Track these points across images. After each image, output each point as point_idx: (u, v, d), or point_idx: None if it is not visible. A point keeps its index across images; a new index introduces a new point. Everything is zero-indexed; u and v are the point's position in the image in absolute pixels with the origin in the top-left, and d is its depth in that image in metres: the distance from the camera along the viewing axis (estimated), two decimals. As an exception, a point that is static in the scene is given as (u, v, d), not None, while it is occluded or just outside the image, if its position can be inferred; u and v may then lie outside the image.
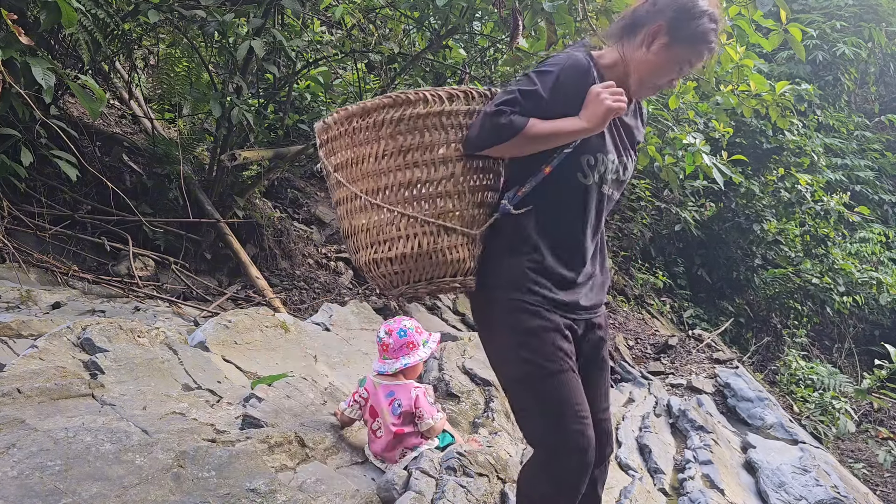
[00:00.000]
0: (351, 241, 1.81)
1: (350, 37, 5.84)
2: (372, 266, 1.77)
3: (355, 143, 1.73)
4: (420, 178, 1.70)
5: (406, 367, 2.54)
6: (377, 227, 1.73)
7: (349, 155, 1.74)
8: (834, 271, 8.98)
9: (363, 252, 1.77)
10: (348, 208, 1.78)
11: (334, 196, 1.82)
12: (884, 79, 13.77)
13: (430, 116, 1.70)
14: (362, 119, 1.72)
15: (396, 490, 2.27)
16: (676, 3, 1.75)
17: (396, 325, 2.60)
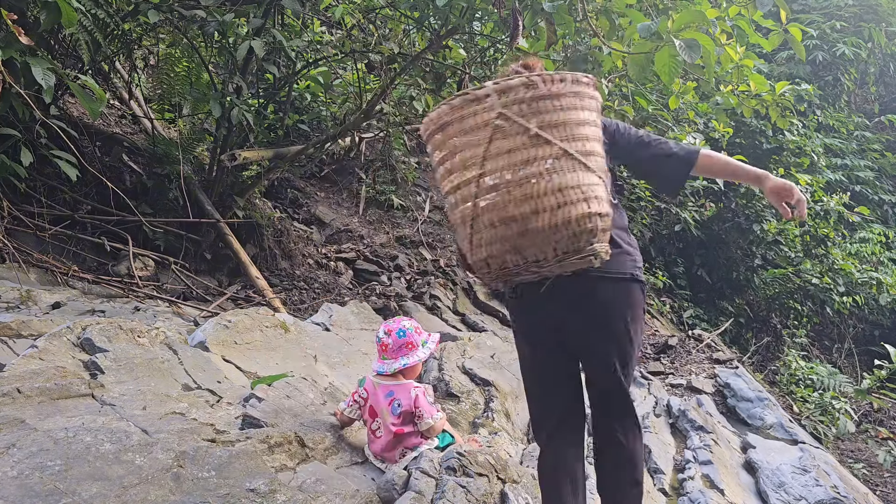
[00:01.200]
0: (551, 198, 1.75)
1: (350, 37, 5.84)
2: (585, 220, 1.76)
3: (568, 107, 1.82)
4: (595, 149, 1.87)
5: (405, 367, 2.54)
6: (588, 184, 1.78)
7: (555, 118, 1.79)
8: (834, 271, 8.98)
9: (573, 206, 1.75)
10: (551, 166, 1.76)
11: (529, 153, 1.76)
12: (883, 79, 13.77)
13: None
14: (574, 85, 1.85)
15: (396, 490, 2.27)
16: None
17: (395, 325, 2.61)
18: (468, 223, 1.82)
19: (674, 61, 3.32)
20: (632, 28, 3.68)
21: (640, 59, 3.51)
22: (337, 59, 6.10)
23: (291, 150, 6.01)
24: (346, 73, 7.63)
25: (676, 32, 3.28)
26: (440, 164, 1.88)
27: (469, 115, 1.79)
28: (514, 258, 1.78)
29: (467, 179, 1.80)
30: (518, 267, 1.80)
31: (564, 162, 1.77)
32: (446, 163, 1.85)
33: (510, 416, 3.91)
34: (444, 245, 7.35)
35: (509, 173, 1.76)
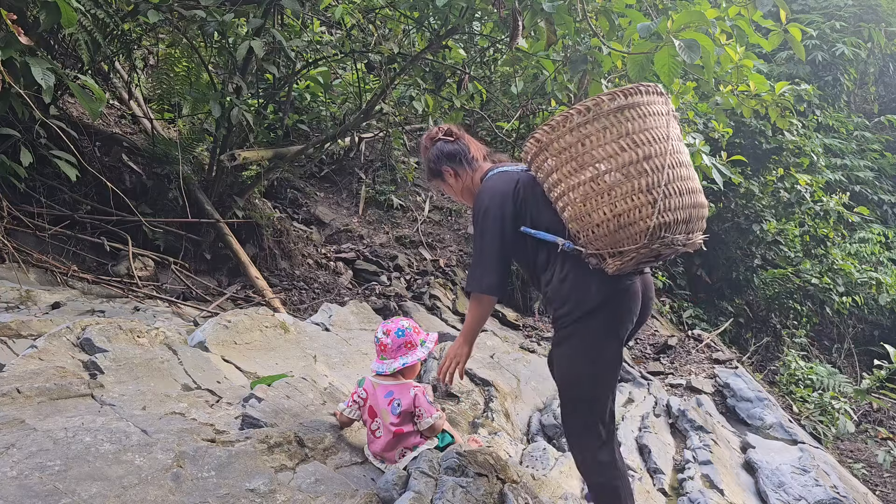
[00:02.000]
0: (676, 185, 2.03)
1: (350, 37, 5.84)
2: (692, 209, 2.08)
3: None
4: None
5: (405, 366, 2.54)
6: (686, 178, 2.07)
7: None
8: (833, 271, 8.99)
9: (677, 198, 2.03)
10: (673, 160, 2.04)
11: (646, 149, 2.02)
12: (883, 79, 13.78)
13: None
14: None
15: (396, 490, 2.27)
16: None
17: (394, 325, 2.60)
18: (656, 190, 1.98)
19: (673, 61, 3.32)
20: (631, 28, 3.68)
21: (639, 59, 3.52)
22: (337, 59, 6.10)
23: (291, 150, 6.01)
24: (346, 73, 7.63)
25: (676, 32, 3.28)
26: (620, 138, 2.03)
27: (655, 102, 2.08)
28: (683, 228, 2.04)
29: (660, 150, 2.01)
30: (677, 241, 2.04)
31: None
32: (630, 136, 2.03)
33: (510, 416, 3.91)
34: (444, 245, 7.36)
35: (686, 155, 2.10)
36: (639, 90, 2.06)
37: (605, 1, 4.02)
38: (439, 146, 2.51)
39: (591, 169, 2.04)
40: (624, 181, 2.01)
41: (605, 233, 2.03)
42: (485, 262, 2.27)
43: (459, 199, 2.55)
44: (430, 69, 6.48)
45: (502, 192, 2.28)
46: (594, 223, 2.04)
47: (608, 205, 2.02)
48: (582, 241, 2.10)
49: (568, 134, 2.07)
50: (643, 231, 1.99)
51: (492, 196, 2.29)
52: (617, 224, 2.01)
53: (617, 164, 2.02)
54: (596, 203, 2.03)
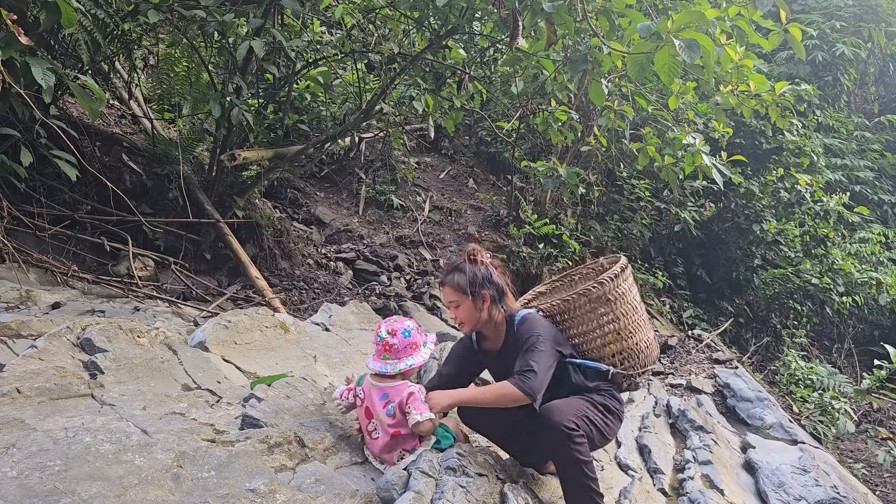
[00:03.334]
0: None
1: (350, 37, 5.84)
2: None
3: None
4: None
5: (411, 367, 2.49)
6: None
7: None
8: (833, 271, 8.98)
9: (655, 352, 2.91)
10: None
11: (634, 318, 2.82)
12: (883, 79, 13.78)
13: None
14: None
15: (396, 490, 2.27)
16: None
17: (399, 325, 2.54)
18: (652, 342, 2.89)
19: (673, 61, 3.32)
20: (631, 28, 3.68)
21: (639, 59, 3.51)
22: (337, 60, 6.10)
23: (291, 150, 6.01)
24: (346, 73, 7.63)
25: (676, 32, 3.28)
26: (630, 296, 2.82)
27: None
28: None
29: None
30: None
31: None
32: (636, 297, 2.89)
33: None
34: (444, 245, 7.36)
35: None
36: (624, 263, 2.86)
37: (605, 1, 4.02)
38: (494, 273, 2.65)
39: (636, 310, 2.81)
40: (646, 319, 2.90)
41: (644, 356, 2.80)
42: (543, 376, 2.50)
43: (470, 323, 2.65)
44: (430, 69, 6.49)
45: (551, 328, 2.68)
46: (640, 349, 2.78)
47: (643, 335, 2.82)
48: (626, 366, 2.76)
49: (623, 282, 2.80)
50: (658, 354, 2.98)
51: (544, 327, 2.63)
52: (650, 349, 2.84)
53: (641, 309, 2.88)
54: (640, 335, 2.80)
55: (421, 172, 8.58)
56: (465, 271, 2.59)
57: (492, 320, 2.64)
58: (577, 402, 2.56)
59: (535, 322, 2.62)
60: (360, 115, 5.93)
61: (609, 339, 2.74)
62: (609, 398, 2.68)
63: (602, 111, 6.43)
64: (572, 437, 2.37)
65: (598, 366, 2.71)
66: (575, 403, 2.55)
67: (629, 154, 6.96)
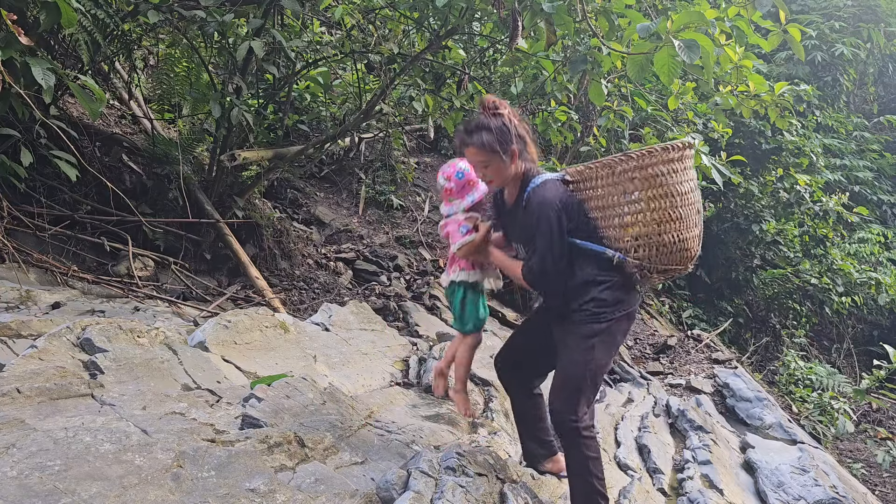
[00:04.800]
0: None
1: (350, 37, 5.84)
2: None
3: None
4: None
5: (473, 202, 2.73)
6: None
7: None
8: (833, 272, 8.99)
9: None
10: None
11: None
12: (882, 79, 13.78)
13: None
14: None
15: (396, 490, 2.27)
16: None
17: (452, 169, 2.74)
18: (699, 227, 2.48)
19: (673, 62, 3.32)
20: (631, 28, 3.69)
21: (639, 59, 3.52)
22: (336, 60, 6.10)
23: (291, 151, 6.01)
24: (346, 73, 7.63)
25: (675, 33, 3.28)
26: (691, 180, 2.46)
27: (692, 156, 2.47)
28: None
29: (699, 199, 2.48)
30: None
31: None
32: (694, 181, 2.48)
33: (509, 415, 3.92)
34: (444, 245, 7.36)
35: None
36: (688, 145, 2.44)
37: (605, 1, 4.03)
38: (515, 124, 2.48)
39: (672, 199, 2.38)
40: (691, 216, 2.44)
41: (667, 252, 2.40)
42: (549, 262, 2.44)
43: (501, 180, 2.54)
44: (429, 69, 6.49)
45: (562, 201, 2.45)
46: (662, 243, 2.39)
47: (678, 231, 2.40)
48: (639, 255, 2.41)
49: (662, 164, 2.39)
50: (691, 257, 2.46)
51: (553, 200, 2.43)
52: (679, 247, 2.41)
53: (687, 202, 2.42)
54: (669, 227, 2.40)
55: (421, 173, 8.58)
56: (490, 128, 2.43)
57: (518, 174, 2.53)
58: (577, 357, 2.43)
59: (545, 193, 2.43)
60: (359, 115, 5.93)
61: (628, 221, 2.40)
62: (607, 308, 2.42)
63: (601, 111, 6.44)
64: (580, 432, 2.40)
65: (603, 250, 2.42)
66: (575, 359, 2.43)
67: (629, 154, 6.95)
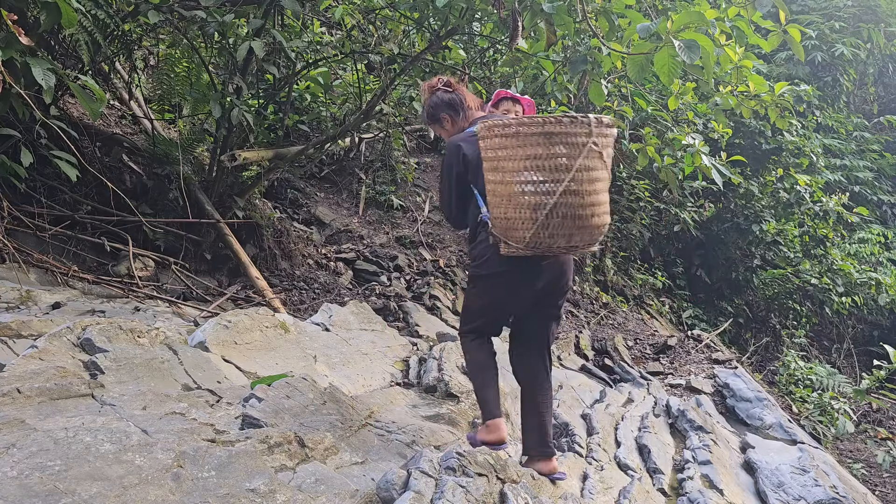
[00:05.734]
0: (602, 207, 2.52)
1: (350, 38, 5.84)
2: (606, 226, 2.56)
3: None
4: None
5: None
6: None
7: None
8: (833, 272, 8.99)
9: (606, 216, 2.55)
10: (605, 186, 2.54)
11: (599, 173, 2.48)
12: (882, 80, 13.79)
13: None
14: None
15: (396, 490, 2.27)
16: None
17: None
18: (542, 211, 2.41)
19: (673, 62, 3.33)
20: (631, 29, 3.69)
21: (639, 59, 3.52)
22: (337, 60, 6.11)
23: (291, 151, 6.01)
24: (346, 73, 7.63)
25: (675, 33, 3.29)
26: (526, 159, 2.42)
27: (576, 133, 2.40)
28: (562, 242, 2.47)
29: (555, 180, 2.40)
30: (557, 248, 2.50)
31: (607, 184, 2.54)
32: (536, 160, 2.41)
33: (509, 415, 3.91)
34: (444, 245, 7.36)
35: (587, 185, 2.43)
36: (561, 121, 2.39)
37: (605, 1, 4.03)
38: (440, 95, 2.91)
39: (501, 174, 2.48)
40: (518, 196, 2.45)
41: (499, 226, 2.53)
42: (445, 205, 2.90)
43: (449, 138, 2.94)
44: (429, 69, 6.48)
45: (456, 151, 2.74)
46: (495, 215, 2.54)
47: (503, 207, 2.49)
48: (492, 221, 2.56)
49: (498, 138, 2.46)
50: (521, 238, 2.48)
51: (450, 150, 2.79)
52: (506, 225, 2.50)
53: (517, 180, 2.45)
54: (497, 202, 2.51)
55: (421, 173, 8.58)
56: (425, 107, 2.97)
57: (461, 131, 2.89)
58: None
59: (450, 144, 2.83)
60: (360, 115, 5.93)
61: (488, 185, 2.56)
62: (477, 263, 2.73)
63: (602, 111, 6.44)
64: (461, 340, 2.91)
65: (481, 206, 2.65)
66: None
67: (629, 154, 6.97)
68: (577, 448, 3.71)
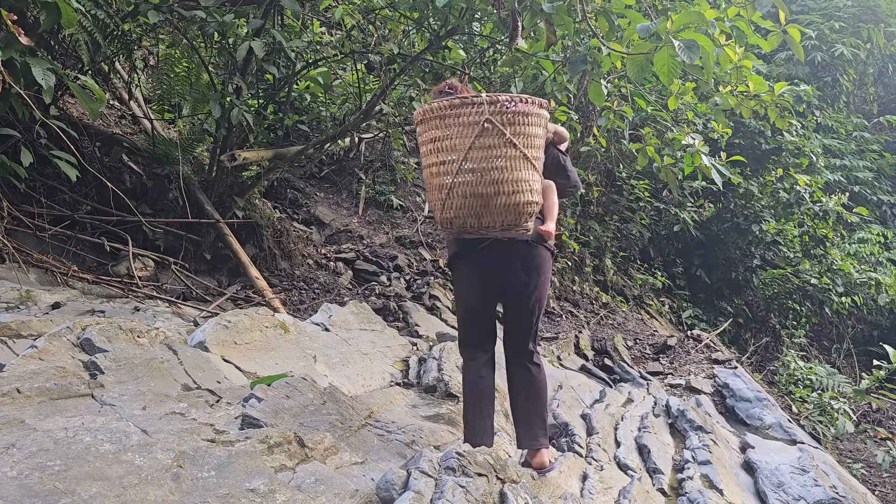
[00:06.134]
0: (509, 185, 2.48)
1: (350, 38, 5.84)
2: (526, 205, 2.52)
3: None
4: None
5: None
6: (533, 180, 2.55)
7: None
8: (832, 272, 9.00)
9: (521, 195, 2.50)
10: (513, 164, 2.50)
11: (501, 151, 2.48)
12: (882, 80, 13.79)
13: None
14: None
15: (395, 490, 2.27)
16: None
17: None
18: (444, 190, 2.50)
19: (673, 62, 3.33)
20: (631, 29, 3.69)
21: (639, 59, 3.52)
22: (336, 60, 6.11)
23: (291, 151, 6.01)
24: (346, 73, 7.63)
25: (675, 33, 3.29)
26: (430, 142, 2.53)
27: (465, 114, 2.44)
28: (473, 221, 2.52)
29: (452, 160, 2.48)
30: (473, 228, 2.55)
31: (522, 162, 2.50)
32: (436, 143, 2.51)
33: (509, 416, 3.92)
34: (444, 245, 7.36)
35: (485, 162, 2.46)
36: (452, 103, 2.47)
37: (605, 1, 4.03)
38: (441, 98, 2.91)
39: (422, 159, 2.61)
40: (430, 179, 2.59)
41: (432, 210, 2.61)
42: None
43: None
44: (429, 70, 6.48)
45: None
46: (428, 199, 2.66)
47: (428, 192, 2.61)
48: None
49: (418, 126, 2.59)
50: (440, 220, 2.60)
51: None
52: (431, 209, 2.60)
53: (427, 163, 2.58)
54: (427, 187, 2.63)
55: (420, 173, 8.58)
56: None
57: None
58: None
59: None
60: (359, 115, 5.93)
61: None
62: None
63: (601, 112, 6.44)
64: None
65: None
66: None
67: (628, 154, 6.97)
68: (577, 448, 3.71)
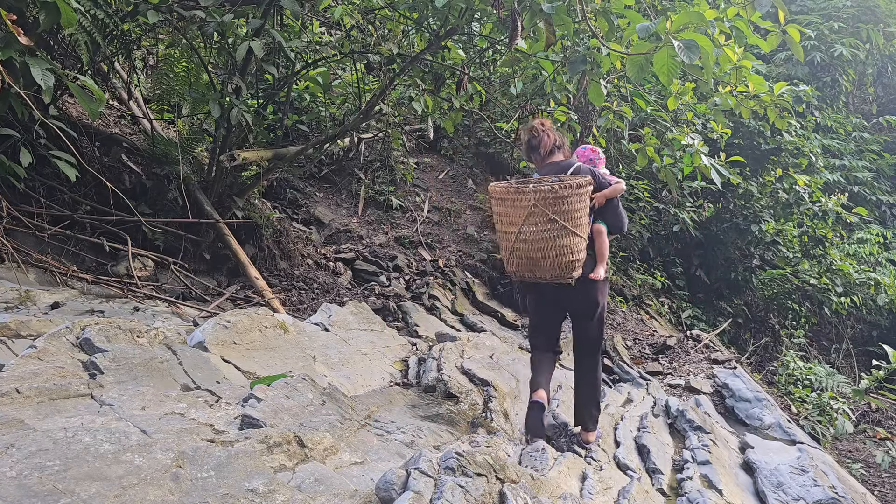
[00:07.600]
0: (552, 251, 3.31)
1: (349, 38, 5.84)
2: (569, 265, 3.34)
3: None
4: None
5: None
6: (574, 244, 3.35)
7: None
8: (832, 272, 9.00)
9: (563, 257, 3.32)
10: (555, 234, 3.32)
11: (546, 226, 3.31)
12: (881, 80, 13.81)
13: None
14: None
15: (395, 490, 2.27)
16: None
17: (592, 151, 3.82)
18: (507, 252, 3.45)
19: (672, 62, 3.33)
20: (630, 29, 3.69)
21: (638, 59, 3.52)
22: (336, 60, 6.11)
23: (291, 151, 6.01)
24: (346, 73, 7.63)
25: (675, 33, 3.29)
26: (498, 214, 3.45)
27: (519, 199, 3.31)
28: (529, 274, 3.44)
29: (512, 231, 3.38)
30: (530, 279, 3.47)
31: (562, 232, 3.29)
32: (501, 217, 3.43)
33: (508, 416, 3.92)
34: (443, 245, 7.36)
35: (534, 235, 3.31)
36: (509, 189, 3.34)
37: (604, 2, 4.03)
38: (524, 139, 3.67)
39: (495, 223, 3.56)
40: (500, 240, 3.56)
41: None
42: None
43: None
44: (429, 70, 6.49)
45: None
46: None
47: (500, 247, 3.56)
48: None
49: (492, 199, 3.49)
50: (507, 270, 3.56)
51: None
52: (502, 259, 3.52)
53: (497, 228, 3.51)
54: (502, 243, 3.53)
55: (420, 173, 8.59)
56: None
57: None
58: None
59: None
60: (359, 115, 5.93)
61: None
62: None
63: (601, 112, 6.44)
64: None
65: None
66: None
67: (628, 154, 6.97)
68: (576, 448, 3.71)
